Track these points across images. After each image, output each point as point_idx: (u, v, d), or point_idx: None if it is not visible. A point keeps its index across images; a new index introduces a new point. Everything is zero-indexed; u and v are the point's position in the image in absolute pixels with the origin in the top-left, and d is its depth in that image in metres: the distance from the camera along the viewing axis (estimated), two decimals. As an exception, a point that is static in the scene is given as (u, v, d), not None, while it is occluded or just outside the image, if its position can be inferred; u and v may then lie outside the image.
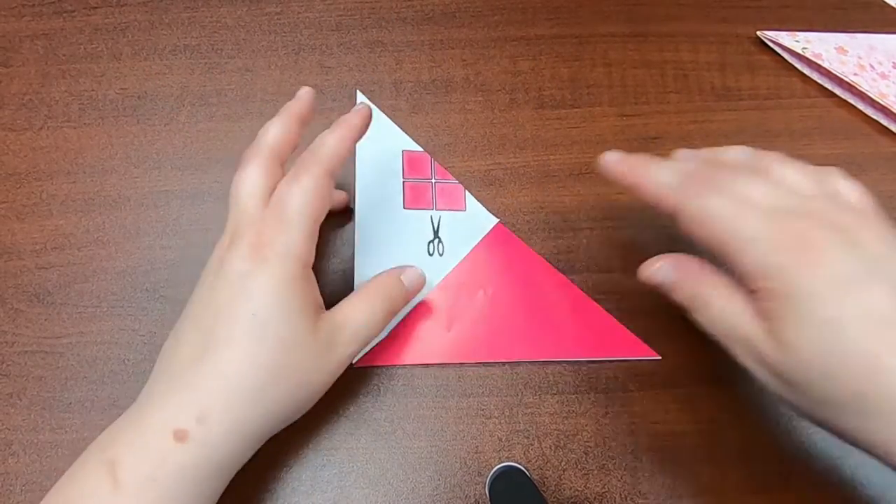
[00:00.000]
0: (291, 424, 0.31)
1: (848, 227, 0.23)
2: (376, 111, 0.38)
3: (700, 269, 0.26)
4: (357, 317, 0.29)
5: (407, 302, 0.31)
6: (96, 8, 0.42)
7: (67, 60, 0.41)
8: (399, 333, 0.33)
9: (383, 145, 0.37)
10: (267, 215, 0.27)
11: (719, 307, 0.25)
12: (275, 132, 0.30)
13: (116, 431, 0.26)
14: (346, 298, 0.29)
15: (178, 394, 0.25)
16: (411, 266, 0.32)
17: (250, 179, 0.28)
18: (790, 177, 0.26)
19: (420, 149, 0.37)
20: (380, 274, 0.31)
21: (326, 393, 0.30)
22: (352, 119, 0.30)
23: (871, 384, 0.21)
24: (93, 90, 0.40)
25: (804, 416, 0.24)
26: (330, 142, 0.29)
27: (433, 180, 0.36)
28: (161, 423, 0.25)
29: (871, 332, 0.21)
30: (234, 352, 0.25)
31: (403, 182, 0.36)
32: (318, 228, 0.28)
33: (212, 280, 0.27)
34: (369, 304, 0.29)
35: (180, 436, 0.24)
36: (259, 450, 0.30)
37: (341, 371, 0.28)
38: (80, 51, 0.41)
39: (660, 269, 0.27)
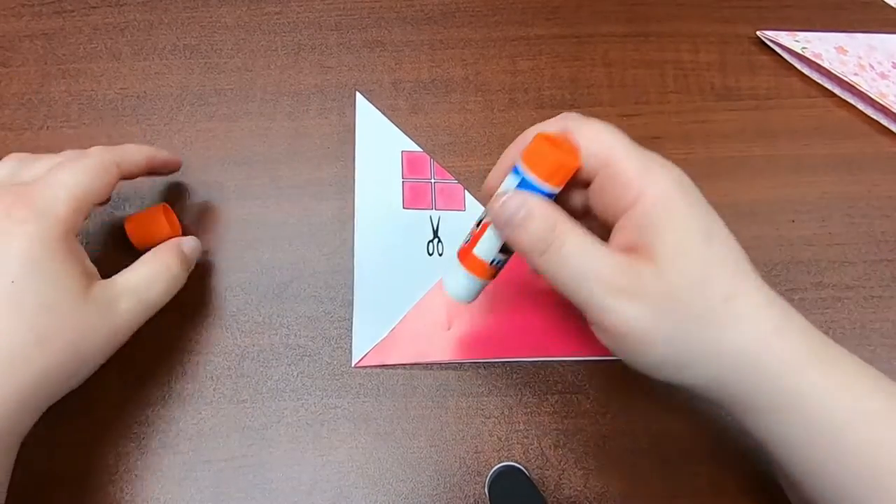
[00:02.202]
0: (291, 424, 0.31)
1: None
2: (376, 113, 0.38)
3: (553, 207, 0.23)
4: (139, 282, 0.28)
5: (188, 269, 0.30)
6: (96, 8, 0.42)
7: (67, 60, 0.41)
8: (399, 333, 0.33)
9: (382, 146, 0.37)
10: (31, 182, 0.26)
11: (579, 247, 0.23)
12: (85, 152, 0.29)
13: None
14: (129, 267, 0.28)
15: None
16: (189, 238, 0.31)
17: (7, 166, 0.28)
18: None
19: (419, 149, 0.37)
20: (161, 244, 0.30)
21: (326, 393, 0.30)
22: (160, 151, 0.32)
23: (738, 286, 0.22)
24: (92, 90, 0.40)
25: (657, 357, 0.23)
26: (130, 146, 0.30)
27: (432, 180, 0.36)
28: None
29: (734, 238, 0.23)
30: None
31: (403, 182, 0.36)
32: (87, 205, 0.27)
33: None
34: (152, 266, 0.29)
35: None
36: (259, 450, 0.30)
37: (124, 337, 0.27)
38: (79, 51, 0.41)
39: (508, 203, 0.23)
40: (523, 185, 0.24)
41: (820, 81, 0.40)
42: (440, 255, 0.35)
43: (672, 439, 0.31)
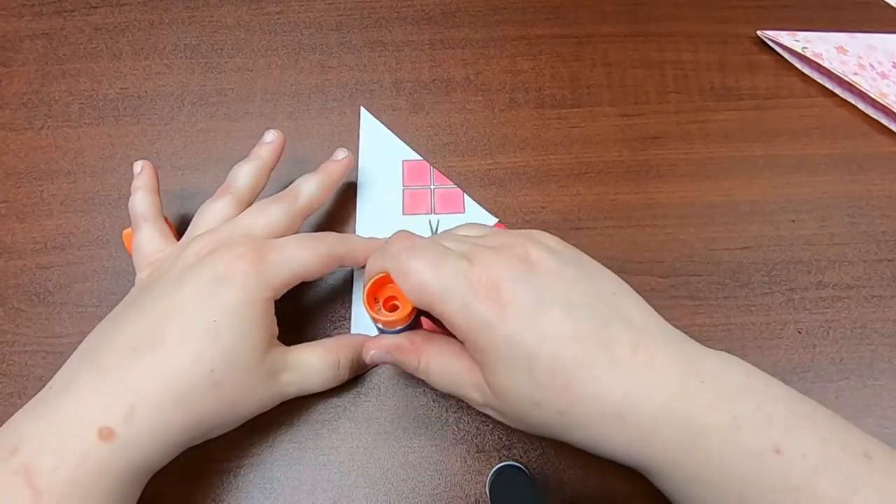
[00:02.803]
0: (291, 424, 0.31)
1: (524, 255, 0.24)
2: (377, 123, 0.38)
3: (411, 341, 0.27)
4: (309, 364, 0.29)
5: (362, 371, 0.31)
6: (96, 7, 0.42)
7: (67, 60, 0.41)
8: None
9: (384, 156, 0.38)
10: (266, 243, 0.28)
11: (441, 366, 0.26)
12: (244, 177, 0.32)
13: (23, 428, 0.24)
14: (307, 343, 0.29)
15: (108, 388, 0.24)
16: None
17: (219, 207, 0.30)
18: (468, 230, 0.28)
19: (420, 157, 0.38)
20: (347, 335, 0.32)
21: (326, 393, 0.30)
22: (332, 169, 0.33)
23: (567, 402, 0.23)
24: (93, 90, 0.40)
25: (534, 434, 0.26)
26: (310, 188, 0.31)
27: (432, 187, 0.37)
28: (85, 419, 0.23)
29: (558, 354, 0.23)
30: (181, 354, 0.25)
31: (403, 190, 0.36)
32: (299, 281, 0.29)
33: (176, 274, 0.27)
34: (325, 358, 0.29)
35: (106, 434, 0.23)
36: (259, 449, 0.30)
37: (273, 405, 0.28)
38: (80, 50, 0.41)
39: (374, 355, 0.27)
40: (382, 329, 0.27)
41: (820, 81, 0.40)
42: (440, 254, 0.35)
43: (672, 439, 0.31)
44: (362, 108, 0.39)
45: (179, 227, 0.35)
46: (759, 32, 0.41)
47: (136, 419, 0.24)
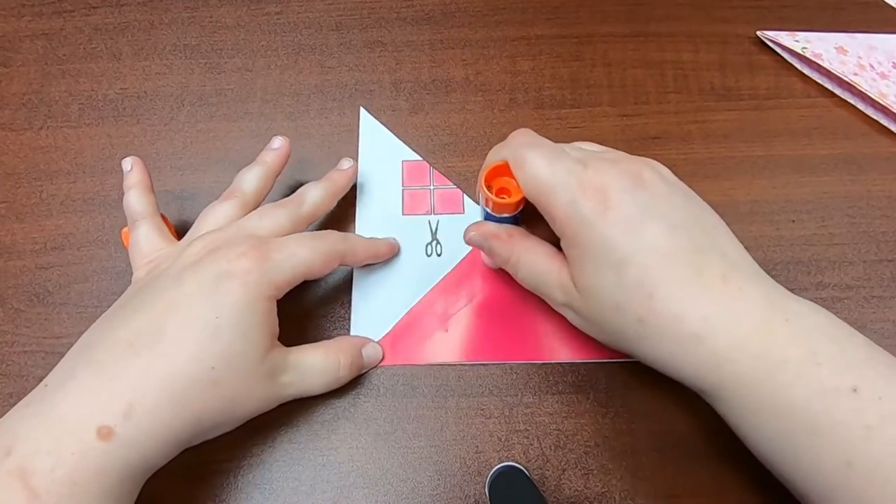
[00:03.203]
0: (291, 424, 0.31)
1: (637, 171, 0.26)
2: (376, 123, 0.38)
3: (509, 234, 0.29)
4: (310, 366, 0.29)
5: (360, 372, 0.31)
6: (96, 8, 0.42)
7: (67, 60, 0.41)
8: (398, 334, 0.33)
9: (383, 156, 0.38)
10: (267, 241, 0.28)
11: (531, 262, 0.28)
12: (250, 181, 0.32)
13: (17, 427, 0.23)
14: (307, 345, 0.29)
15: (105, 385, 0.24)
16: (374, 342, 0.32)
17: (224, 209, 0.31)
18: (589, 145, 0.30)
19: (419, 158, 0.38)
20: (346, 337, 0.32)
21: (326, 393, 0.30)
22: (337, 178, 0.33)
23: (647, 311, 0.24)
24: (93, 90, 0.40)
25: (605, 344, 0.27)
26: (315, 195, 0.32)
27: (431, 187, 0.37)
28: (83, 418, 0.23)
29: (649, 267, 0.24)
30: (180, 350, 0.24)
31: (403, 190, 0.36)
32: (301, 280, 0.29)
33: (176, 272, 0.27)
34: (326, 359, 0.30)
35: (105, 433, 0.23)
36: (259, 449, 0.30)
37: (272, 406, 0.28)
38: (79, 51, 0.41)
39: (473, 237, 0.29)
40: (489, 216, 0.29)
41: (820, 81, 0.40)
42: (439, 255, 0.35)
43: (673, 439, 0.31)
44: (362, 109, 0.39)
45: (179, 227, 0.35)
46: (758, 33, 0.41)
47: (135, 417, 0.23)
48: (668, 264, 0.24)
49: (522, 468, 0.29)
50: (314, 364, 0.29)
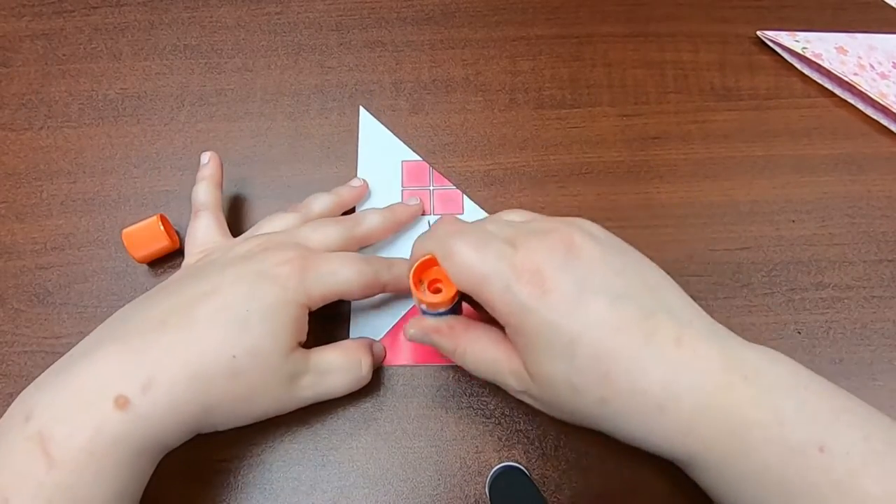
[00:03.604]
0: (291, 424, 0.31)
1: (568, 240, 0.24)
2: (376, 123, 0.38)
3: (450, 326, 0.27)
4: (330, 363, 0.29)
5: (371, 369, 0.31)
6: (96, 8, 0.42)
7: (67, 60, 0.41)
8: (397, 333, 0.33)
9: (383, 156, 0.38)
10: (314, 254, 0.28)
11: (478, 353, 0.27)
12: (320, 204, 0.33)
13: (38, 395, 0.24)
14: (324, 346, 0.29)
15: (128, 357, 0.24)
16: (378, 342, 0.32)
17: (286, 218, 0.32)
18: (514, 216, 0.28)
19: (419, 158, 0.37)
20: (354, 339, 0.32)
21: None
22: (400, 211, 0.34)
23: (607, 390, 0.23)
24: (93, 90, 0.40)
25: (570, 423, 0.26)
26: (373, 220, 0.32)
27: (431, 187, 0.37)
28: (102, 387, 0.23)
29: (599, 344, 0.23)
30: (206, 335, 0.25)
31: (402, 191, 0.36)
32: (337, 298, 0.29)
33: (223, 263, 0.27)
34: (347, 358, 0.29)
35: (121, 403, 0.23)
36: (259, 449, 0.30)
37: (288, 409, 0.28)
38: (79, 51, 0.41)
39: (414, 334, 0.28)
40: (425, 311, 0.27)
41: (820, 81, 0.40)
42: (440, 255, 0.35)
43: (672, 439, 0.31)
44: (361, 109, 0.39)
45: (179, 227, 0.35)
46: (758, 33, 0.41)
47: (153, 392, 0.24)
48: (618, 338, 0.23)
49: (522, 468, 0.29)
50: (333, 364, 0.29)
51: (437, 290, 0.26)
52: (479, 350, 0.27)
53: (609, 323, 0.23)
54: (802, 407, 0.22)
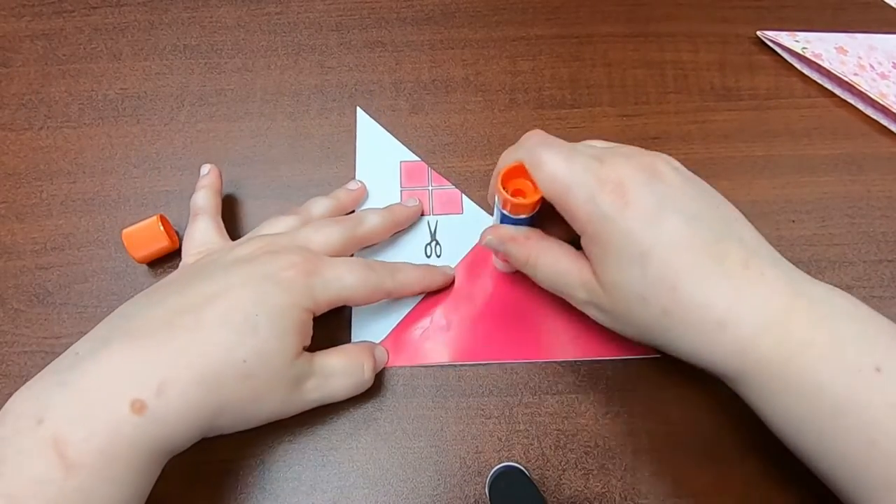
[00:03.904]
0: (291, 424, 0.31)
1: (651, 164, 0.26)
2: (373, 124, 0.38)
3: (526, 236, 0.29)
4: (333, 367, 0.29)
5: (373, 373, 0.31)
6: (96, 8, 0.42)
7: (67, 60, 0.41)
8: (399, 334, 0.33)
9: (382, 157, 0.38)
10: (320, 259, 0.29)
11: (550, 263, 0.28)
12: (319, 207, 0.34)
13: (47, 396, 0.23)
14: (327, 350, 0.29)
15: (140, 359, 0.24)
16: (380, 346, 0.32)
17: (286, 221, 0.32)
18: (596, 142, 0.30)
19: (418, 159, 0.37)
20: (356, 343, 0.32)
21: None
22: (399, 211, 0.34)
23: (672, 302, 0.24)
24: (93, 90, 0.40)
25: (630, 337, 0.27)
26: (373, 220, 0.33)
27: (430, 187, 0.37)
28: (116, 390, 0.23)
29: (671, 258, 0.24)
30: (216, 338, 0.25)
31: (401, 191, 0.36)
32: (341, 304, 0.29)
33: (227, 263, 0.27)
34: (349, 361, 0.30)
35: (137, 407, 0.23)
36: (259, 449, 0.30)
37: (292, 413, 0.28)
38: (79, 51, 0.41)
39: (490, 241, 0.30)
40: (505, 219, 0.29)
41: (820, 81, 0.40)
42: (438, 256, 0.35)
43: (672, 439, 0.31)
44: (359, 109, 0.39)
45: (179, 227, 0.35)
46: (758, 33, 0.41)
47: (166, 395, 0.23)
48: (689, 255, 0.24)
49: (522, 468, 0.29)
50: (336, 368, 0.29)
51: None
52: (552, 261, 0.28)
53: (682, 239, 0.24)
54: (862, 333, 0.23)
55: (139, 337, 0.25)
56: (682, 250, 0.24)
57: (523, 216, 0.28)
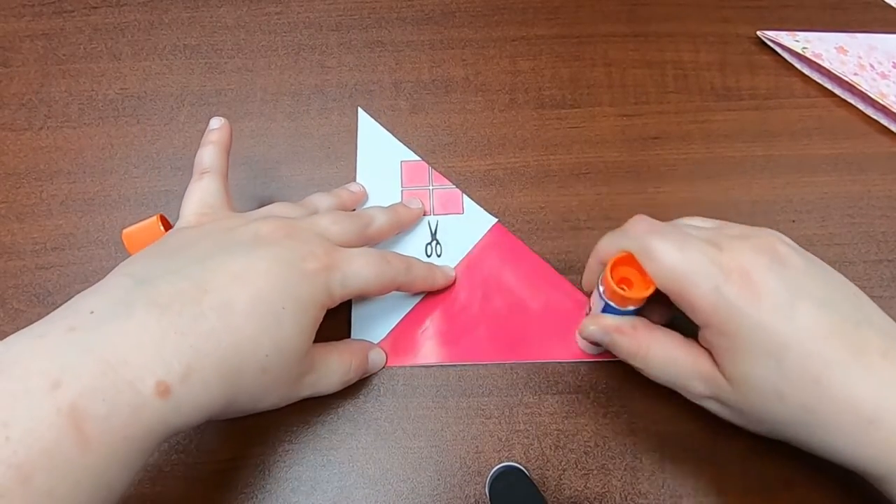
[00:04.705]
0: (291, 424, 0.31)
1: (771, 247, 0.25)
2: (374, 124, 0.38)
3: (633, 326, 0.27)
4: (328, 365, 0.29)
5: (364, 376, 0.31)
6: (96, 8, 0.42)
7: (67, 60, 0.41)
8: (399, 334, 0.33)
9: (383, 157, 0.38)
10: (339, 251, 0.28)
11: (663, 354, 0.26)
12: (322, 202, 0.33)
13: (63, 354, 0.21)
14: (324, 345, 0.29)
15: (170, 339, 0.22)
16: (379, 348, 0.32)
17: (294, 208, 0.31)
18: (698, 221, 0.28)
19: (418, 158, 0.37)
20: (356, 340, 0.32)
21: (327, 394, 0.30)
22: (403, 213, 0.34)
23: (814, 398, 0.23)
24: (93, 90, 0.40)
25: (758, 433, 0.26)
26: (382, 221, 0.32)
27: (430, 187, 0.37)
28: (143, 368, 0.21)
29: (810, 350, 0.23)
30: (245, 328, 0.24)
31: (402, 191, 0.36)
32: (356, 293, 0.29)
33: (248, 239, 0.27)
34: (340, 361, 0.30)
35: (163, 389, 0.21)
36: (259, 449, 0.30)
37: (286, 404, 0.28)
38: (79, 51, 0.41)
39: (593, 331, 0.28)
40: (608, 308, 0.27)
41: (820, 81, 0.40)
42: (438, 256, 0.35)
43: (673, 439, 0.31)
44: (360, 109, 0.39)
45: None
46: (758, 33, 0.41)
47: (190, 381, 0.22)
48: (828, 346, 0.23)
49: (522, 468, 0.29)
50: (331, 364, 0.29)
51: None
52: (664, 353, 0.26)
53: (821, 329, 0.23)
54: None
55: (167, 312, 0.23)
56: (822, 339, 0.23)
57: (631, 308, 0.27)
